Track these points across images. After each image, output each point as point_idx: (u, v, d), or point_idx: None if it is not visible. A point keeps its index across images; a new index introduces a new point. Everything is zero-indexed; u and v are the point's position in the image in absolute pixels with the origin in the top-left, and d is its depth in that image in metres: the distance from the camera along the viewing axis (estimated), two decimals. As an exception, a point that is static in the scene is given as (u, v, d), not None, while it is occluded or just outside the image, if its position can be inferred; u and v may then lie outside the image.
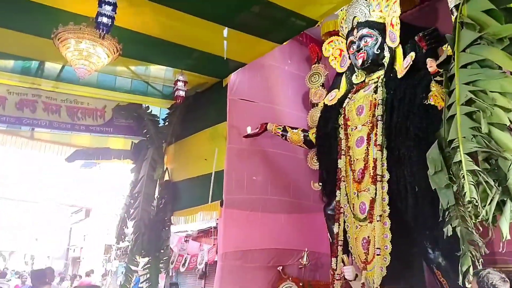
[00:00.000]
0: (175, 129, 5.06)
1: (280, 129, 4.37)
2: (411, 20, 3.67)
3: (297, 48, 4.95)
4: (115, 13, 3.06)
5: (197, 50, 4.10)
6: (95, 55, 3.45)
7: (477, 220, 1.88)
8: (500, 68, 1.86)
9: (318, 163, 4.27)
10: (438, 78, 2.98)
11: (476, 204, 1.81)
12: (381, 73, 3.72)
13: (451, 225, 2.18)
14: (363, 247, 3.48)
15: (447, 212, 2.20)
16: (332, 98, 4.08)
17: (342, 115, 3.86)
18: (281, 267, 4.36)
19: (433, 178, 2.10)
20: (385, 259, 3.26)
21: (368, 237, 3.39)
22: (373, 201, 3.39)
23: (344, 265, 3.53)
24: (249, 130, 4.43)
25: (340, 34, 4.20)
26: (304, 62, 5.02)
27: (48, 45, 3.53)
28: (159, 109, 5.36)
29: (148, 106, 5.19)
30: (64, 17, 3.36)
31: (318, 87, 4.43)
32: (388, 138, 3.40)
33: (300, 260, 4.32)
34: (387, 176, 3.36)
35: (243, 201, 4.33)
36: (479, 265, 2.93)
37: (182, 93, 4.37)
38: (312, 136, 4.22)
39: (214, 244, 4.55)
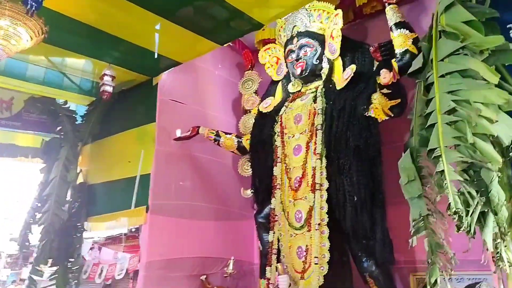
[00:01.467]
0: (94, 128, 4.51)
1: (213, 133, 4.08)
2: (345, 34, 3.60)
3: (228, 53, 4.71)
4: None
5: (128, 43, 3.67)
6: (16, 36, 2.85)
7: (459, 231, 1.76)
8: (483, 79, 1.77)
9: (249, 170, 4.03)
10: (385, 91, 2.90)
11: (462, 215, 1.69)
12: (318, 83, 3.64)
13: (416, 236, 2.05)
14: (298, 256, 3.31)
15: (414, 223, 2.07)
16: (268, 105, 3.92)
17: (279, 122, 3.70)
18: (205, 276, 4.02)
19: (406, 187, 1.98)
20: (322, 268, 3.13)
21: (306, 246, 3.22)
22: (311, 209, 3.23)
23: (279, 274, 3.29)
24: (178, 133, 4.07)
25: (277, 42, 4.06)
26: (235, 68, 4.80)
27: None
28: (75, 105, 4.70)
29: (66, 101, 4.53)
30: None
31: (251, 93, 4.23)
32: (328, 148, 3.32)
33: (225, 268, 4.02)
34: (326, 185, 3.26)
35: (170, 207, 3.96)
36: (448, 275, 2.88)
37: (109, 89, 3.87)
38: (246, 143, 4.00)
39: (135, 252, 4.05)
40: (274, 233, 3.51)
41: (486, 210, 1.74)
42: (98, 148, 4.56)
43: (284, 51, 3.87)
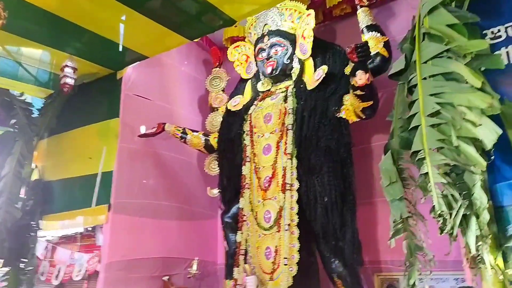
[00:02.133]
0: (51, 122, 4.23)
1: (180, 130, 3.93)
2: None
3: (194, 49, 4.56)
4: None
5: (92, 33, 3.46)
6: (-29, 19, 2.59)
7: (442, 233, 1.73)
8: (467, 82, 1.75)
9: (216, 169, 3.90)
10: (358, 92, 2.86)
11: (446, 217, 1.66)
12: (288, 83, 3.57)
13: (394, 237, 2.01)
14: (266, 257, 3.22)
15: (394, 225, 2.03)
16: (236, 103, 3.81)
17: (248, 121, 3.61)
18: (167, 277, 3.86)
19: (387, 189, 1.94)
20: (291, 269, 3.06)
21: (276, 246, 3.13)
22: (281, 210, 3.15)
23: (247, 275, 3.18)
24: (143, 130, 3.89)
25: (246, 40, 3.95)
26: (201, 65, 4.66)
27: None
28: (31, 97, 4.37)
29: (22, 93, 4.20)
30: None
31: (219, 91, 4.08)
32: (298, 148, 3.25)
33: (188, 269, 3.87)
34: (296, 185, 3.18)
35: (133, 206, 3.78)
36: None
37: (70, 81, 3.63)
38: (213, 141, 3.87)
39: (90, 252, 3.81)
40: (242, 233, 3.40)
41: (468, 213, 1.72)
42: (55, 143, 4.27)
43: (254, 50, 3.78)
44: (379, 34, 3.22)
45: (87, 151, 3.93)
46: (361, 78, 2.68)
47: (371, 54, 3.15)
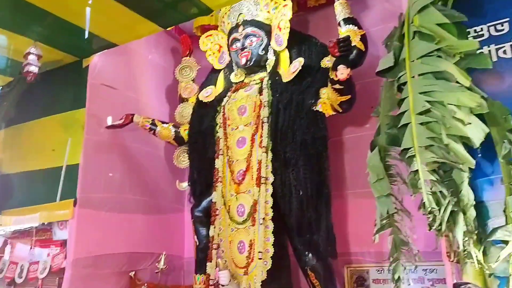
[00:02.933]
0: (10, 112, 3.93)
1: (149, 122, 3.79)
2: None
3: (162, 36, 4.38)
4: None
5: (56, 17, 3.23)
6: None
7: (431, 229, 1.75)
8: (457, 81, 1.77)
9: (186, 162, 3.81)
10: (337, 86, 2.85)
11: (436, 214, 1.68)
12: (263, 74, 3.51)
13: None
14: (239, 251, 3.17)
15: (380, 220, 2.04)
16: (208, 94, 3.71)
17: (221, 113, 3.51)
18: (133, 272, 3.73)
19: (375, 186, 1.94)
20: (265, 263, 3.03)
21: (251, 240, 3.08)
22: (255, 203, 3.11)
23: (219, 269, 3.12)
24: (109, 121, 3.72)
25: (219, 29, 3.84)
26: (169, 54, 4.50)
27: None
28: (-17, 86, 4.07)
29: (-22, 81, 3.90)
30: None
31: (189, 81, 3.95)
32: (274, 141, 3.20)
33: (156, 264, 3.75)
34: (271, 178, 3.14)
35: (99, 200, 3.61)
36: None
37: (34, 69, 3.38)
38: (184, 133, 3.76)
39: (47, 247, 3.62)
40: (215, 227, 3.34)
41: (455, 210, 1.75)
42: (14, 134, 3.99)
43: (228, 39, 3.68)
44: (356, 28, 3.20)
45: (50, 142, 3.70)
46: (342, 72, 2.66)
47: (349, 47, 3.18)
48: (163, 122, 3.83)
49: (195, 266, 3.54)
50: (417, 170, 1.75)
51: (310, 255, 3.07)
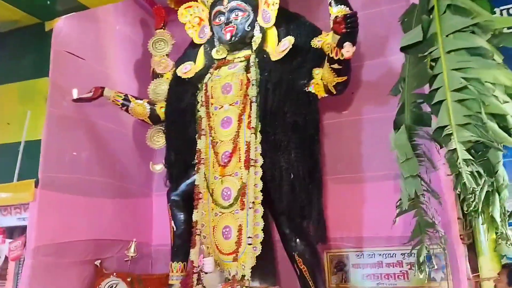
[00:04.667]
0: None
1: (121, 97, 3.44)
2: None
3: (131, 6, 4.00)
4: None
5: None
6: None
7: (469, 210, 1.68)
8: (493, 58, 1.71)
9: (161, 142, 3.53)
10: (336, 66, 2.73)
11: (477, 194, 1.61)
12: (247, 52, 3.30)
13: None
14: (225, 237, 2.97)
15: (406, 201, 1.94)
16: (187, 70, 3.44)
17: (203, 91, 3.25)
18: (99, 261, 3.40)
19: (403, 165, 1.82)
20: (255, 248, 2.84)
21: (240, 225, 2.89)
22: (244, 187, 2.92)
23: (204, 256, 2.91)
24: (75, 94, 3.32)
25: (200, 1, 3.55)
26: (138, 25, 4.12)
27: None
28: None
29: None
30: None
31: (163, 56, 3.64)
32: (263, 122, 3.00)
33: (125, 251, 3.45)
34: (260, 161, 2.94)
35: (64, 181, 3.21)
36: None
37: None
38: (160, 111, 3.46)
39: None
40: (197, 211, 3.10)
41: (491, 190, 1.70)
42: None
43: (210, 13, 3.42)
44: (347, 8, 3.10)
45: (4, 115, 3.23)
46: (348, 50, 2.53)
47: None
48: (136, 98, 3.49)
49: (171, 253, 3.28)
50: (455, 149, 1.67)
51: (298, 240, 2.92)
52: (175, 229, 3.28)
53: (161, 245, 3.88)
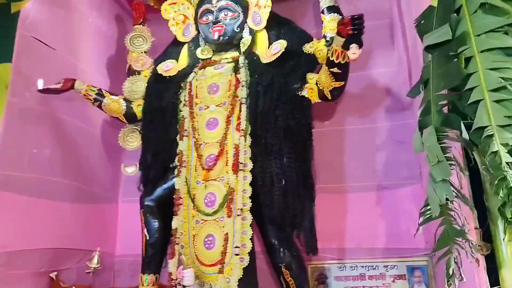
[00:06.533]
0: None
1: (94, 91, 3.02)
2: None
3: (108, 1, 3.59)
4: None
5: None
6: None
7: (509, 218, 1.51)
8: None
9: (135, 143, 3.13)
10: (335, 70, 2.54)
11: (520, 200, 1.44)
12: (235, 54, 3.04)
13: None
14: (207, 247, 2.62)
15: (426, 208, 1.74)
16: (169, 68, 3.10)
17: (187, 90, 2.93)
18: (55, 273, 2.90)
19: (434, 168, 1.62)
20: (242, 259, 2.52)
21: (226, 234, 2.56)
22: (231, 192, 2.61)
23: (183, 268, 2.54)
24: (40, 84, 2.86)
25: (184, -1, 3.25)
26: (112, 20, 3.71)
27: None
28: None
29: None
30: None
31: (141, 53, 3.27)
32: (253, 125, 2.73)
33: (87, 262, 2.98)
34: (249, 165, 2.65)
35: (21, 181, 2.71)
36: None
37: None
38: (137, 109, 3.08)
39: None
40: (178, 218, 2.72)
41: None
42: None
43: (197, 11, 3.12)
44: (340, 16, 2.96)
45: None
46: (355, 52, 2.33)
47: (333, 35, 2.89)
48: (111, 94, 3.07)
49: (142, 264, 2.85)
50: (496, 151, 1.50)
51: (286, 251, 2.65)
52: (147, 238, 2.87)
53: (126, 255, 3.43)
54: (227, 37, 2.98)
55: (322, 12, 3.02)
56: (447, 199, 1.64)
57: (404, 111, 3.27)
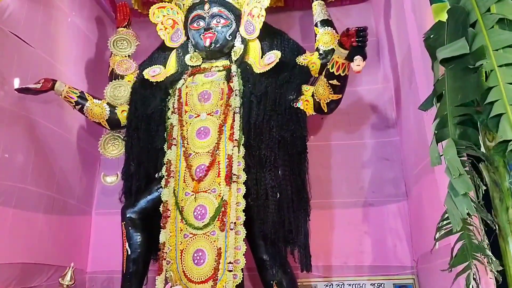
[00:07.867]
0: None
1: (76, 94, 2.77)
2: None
3: (89, 2, 3.36)
4: None
5: None
6: None
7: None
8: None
9: (116, 151, 2.89)
10: (334, 82, 2.45)
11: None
12: (226, 62, 2.90)
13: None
14: (196, 263, 2.42)
15: (442, 223, 1.66)
16: (156, 74, 2.90)
17: (176, 97, 2.75)
18: (22, 291, 2.57)
19: (456, 182, 1.54)
20: (235, 276, 2.34)
21: (220, 248, 2.37)
22: (224, 205, 2.43)
23: (172, 285, 2.33)
24: (16, 84, 2.59)
25: (174, 3, 3.09)
26: (93, 22, 3.47)
27: None
28: None
29: None
30: None
31: (125, 56, 3.06)
32: (247, 135, 2.58)
33: (60, 279, 2.66)
34: (243, 177, 2.49)
35: (-10, 188, 2.38)
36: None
37: None
38: (121, 115, 2.85)
39: None
40: (165, 232, 2.49)
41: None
42: None
43: (187, 17, 2.96)
44: (334, 31, 2.90)
45: None
46: (359, 64, 2.25)
47: (326, 49, 2.83)
48: (94, 97, 2.82)
49: (122, 281, 2.58)
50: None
51: (277, 268, 2.48)
52: (129, 253, 2.61)
53: (98, 272, 3.14)
54: (218, 45, 2.84)
55: (316, 25, 2.94)
56: (468, 214, 1.56)
57: (389, 129, 3.25)
